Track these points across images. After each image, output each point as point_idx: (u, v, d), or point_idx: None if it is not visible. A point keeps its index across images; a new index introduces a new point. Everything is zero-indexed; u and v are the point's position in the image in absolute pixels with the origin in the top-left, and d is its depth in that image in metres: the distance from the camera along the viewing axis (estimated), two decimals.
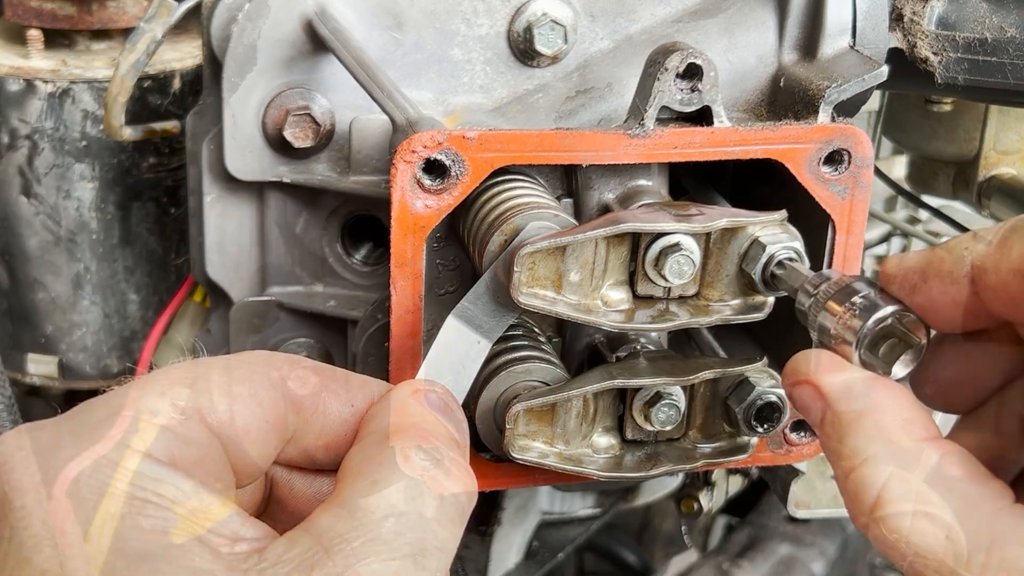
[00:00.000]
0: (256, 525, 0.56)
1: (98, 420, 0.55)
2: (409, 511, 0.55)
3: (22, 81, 1.13)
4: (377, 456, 0.58)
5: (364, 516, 0.54)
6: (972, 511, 0.56)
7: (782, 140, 0.80)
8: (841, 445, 0.60)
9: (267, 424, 0.60)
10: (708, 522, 1.69)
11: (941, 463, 0.57)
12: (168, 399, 0.57)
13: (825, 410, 0.61)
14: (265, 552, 0.53)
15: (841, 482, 0.60)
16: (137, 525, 0.52)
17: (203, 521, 0.54)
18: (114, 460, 0.53)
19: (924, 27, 0.95)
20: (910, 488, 0.57)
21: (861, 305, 0.66)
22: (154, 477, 0.54)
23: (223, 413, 0.59)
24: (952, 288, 0.64)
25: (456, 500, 0.58)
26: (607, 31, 0.94)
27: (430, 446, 0.59)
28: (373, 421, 0.62)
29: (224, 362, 0.62)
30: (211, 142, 0.94)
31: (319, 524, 0.54)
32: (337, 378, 0.64)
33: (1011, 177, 1.38)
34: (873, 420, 0.59)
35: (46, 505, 0.52)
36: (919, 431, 0.59)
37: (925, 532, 0.56)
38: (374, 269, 0.98)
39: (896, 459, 0.58)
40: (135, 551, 0.51)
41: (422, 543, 0.55)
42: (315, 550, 0.53)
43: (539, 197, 0.79)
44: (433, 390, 0.65)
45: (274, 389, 0.61)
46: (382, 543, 0.54)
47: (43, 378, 1.23)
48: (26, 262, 1.18)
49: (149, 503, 0.53)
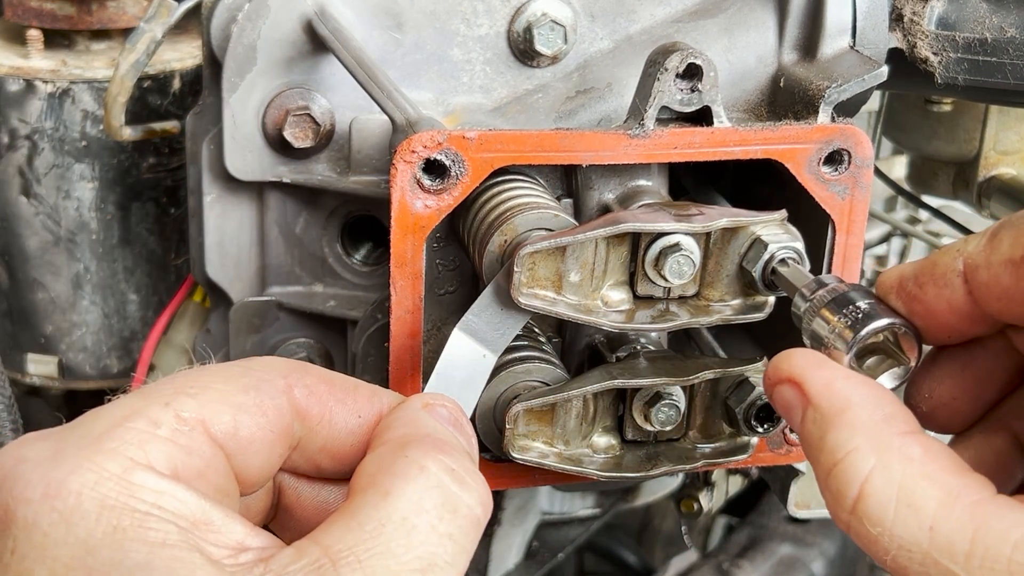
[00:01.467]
0: (262, 535, 0.55)
1: (101, 431, 0.55)
2: (421, 524, 0.54)
3: (22, 81, 1.13)
4: (391, 467, 0.57)
5: (375, 529, 0.54)
6: (955, 502, 0.55)
7: (782, 140, 0.80)
8: (823, 441, 0.59)
9: (272, 434, 0.60)
10: (708, 522, 1.69)
11: (924, 456, 0.57)
12: (172, 410, 0.57)
13: (807, 407, 0.61)
14: (271, 562, 0.53)
15: (822, 480, 0.59)
16: (138, 538, 0.52)
17: (206, 533, 0.53)
18: (116, 473, 0.53)
19: (924, 27, 0.95)
20: (894, 480, 0.56)
21: (855, 316, 0.66)
22: (156, 490, 0.53)
23: (227, 423, 0.58)
24: (946, 291, 0.64)
25: (471, 513, 0.57)
26: (607, 31, 0.94)
27: (446, 457, 0.58)
28: (387, 432, 0.61)
29: (227, 370, 0.61)
30: (211, 142, 0.94)
31: (329, 535, 0.54)
32: (345, 387, 0.64)
33: (1011, 177, 1.38)
34: (855, 414, 0.59)
35: (49, 518, 0.52)
36: (901, 425, 0.58)
37: (909, 524, 0.55)
38: (374, 269, 0.98)
39: (879, 452, 0.57)
40: (135, 564, 0.51)
41: (432, 558, 0.54)
42: (322, 562, 0.52)
43: (539, 197, 0.79)
44: (443, 404, 0.64)
45: (280, 398, 0.61)
46: (392, 557, 0.53)
47: (43, 378, 1.23)
48: (26, 262, 1.18)
49: (151, 516, 0.52)
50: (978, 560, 0.53)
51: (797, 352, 0.64)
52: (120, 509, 0.52)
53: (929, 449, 0.57)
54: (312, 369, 0.64)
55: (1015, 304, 0.61)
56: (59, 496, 0.52)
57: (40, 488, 0.52)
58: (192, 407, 0.57)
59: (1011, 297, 0.61)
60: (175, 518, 0.53)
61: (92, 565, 0.51)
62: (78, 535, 0.51)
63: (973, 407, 0.69)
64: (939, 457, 0.57)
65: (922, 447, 0.57)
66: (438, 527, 0.55)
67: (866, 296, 0.67)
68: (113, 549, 0.51)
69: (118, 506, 0.52)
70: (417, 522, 0.54)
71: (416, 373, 0.80)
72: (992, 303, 0.63)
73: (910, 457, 0.57)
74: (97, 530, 0.51)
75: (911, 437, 0.58)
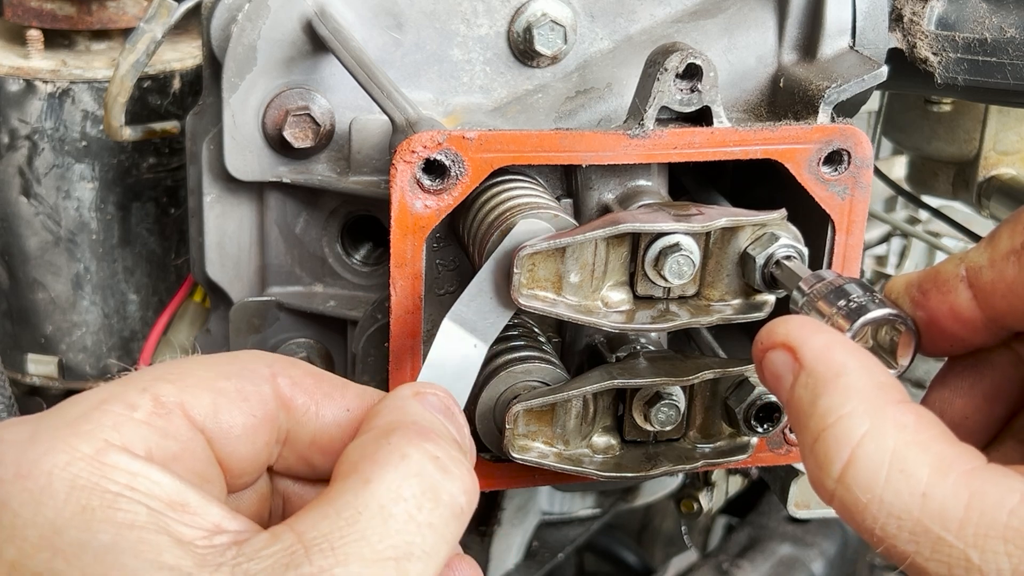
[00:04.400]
0: (241, 519, 0.55)
1: (77, 415, 0.55)
2: (399, 513, 0.54)
3: (22, 81, 1.13)
4: (373, 453, 0.56)
5: (352, 516, 0.53)
6: (949, 470, 0.54)
7: (782, 140, 0.80)
8: (813, 406, 0.58)
9: (254, 419, 0.60)
10: (708, 522, 1.69)
11: (917, 424, 0.56)
12: (149, 394, 0.57)
13: (799, 372, 0.59)
14: (244, 546, 0.52)
15: (808, 446, 0.57)
16: (106, 518, 0.52)
17: (180, 514, 0.53)
18: (88, 454, 0.53)
19: (924, 27, 0.95)
20: (886, 446, 0.55)
21: (850, 307, 0.66)
22: (129, 471, 0.53)
23: (206, 407, 0.58)
24: (950, 296, 0.64)
25: (453, 502, 0.56)
26: (607, 31, 0.94)
27: (431, 444, 0.57)
28: (373, 419, 0.61)
29: (211, 359, 0.61)
30: (211, 142, 0.94)
31: (304, 521, 0.53)
32: (333, 383, 0.64)
33: (1011, 177, 1.38)
34: (850, 379, 0.57)
35: (20, 498, 0.52)
36: (895, 394, 0.57)
37: (900, 491, 0.54)
38: (374, 269, 0.98)
39: (873, 417, 0.56)
40: (101, 544, 0.51)
41: (408, 547, 0.53)
42: (295, 548, 0.52)
43: (539, 197, 0.80)
44: (434, 392, 0.64)
45: (262, 385, 0.61)
46: (366, 545, 0.52)
47: (43, 378, 1.23)
48: (26, 262, 1.18)
49: (121, 496, 0.52)
50: (972, 527, 0.53)
51: (793, 318, 0.63)
52: (90, 489, 0.52)
53: (922, 418, 0.57)
54: (299, 363, 0.64)
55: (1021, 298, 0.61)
56: (30, 476, 0.52)
57: (13, 468, 0.53)
58: (171, 392, 0.58)
59: (1016, 292, 0.61)
60: (147, 499, 0.53)
61: (59, 545, 0.51)
62: (47, 515, 0.52)
63: (986, 425, 0.68)
64: (932, 426, 0.56)
65: (915, 415, 0.56)
66: (416, 516, 0.54)
67: (863, 289, 0.67)
68: (80, 529, 0.51)
69: (88, 486, 0.52)
70: (395, 510, 0.54)
71: (416, 373, 0.80)
72: (998, 302, 0.63)
73: (904, 424, 0.56)
74: (66, 510, 0.52)
75: (904, 406, 0.57)
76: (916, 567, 0.54)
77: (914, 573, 0.55)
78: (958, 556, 0.53)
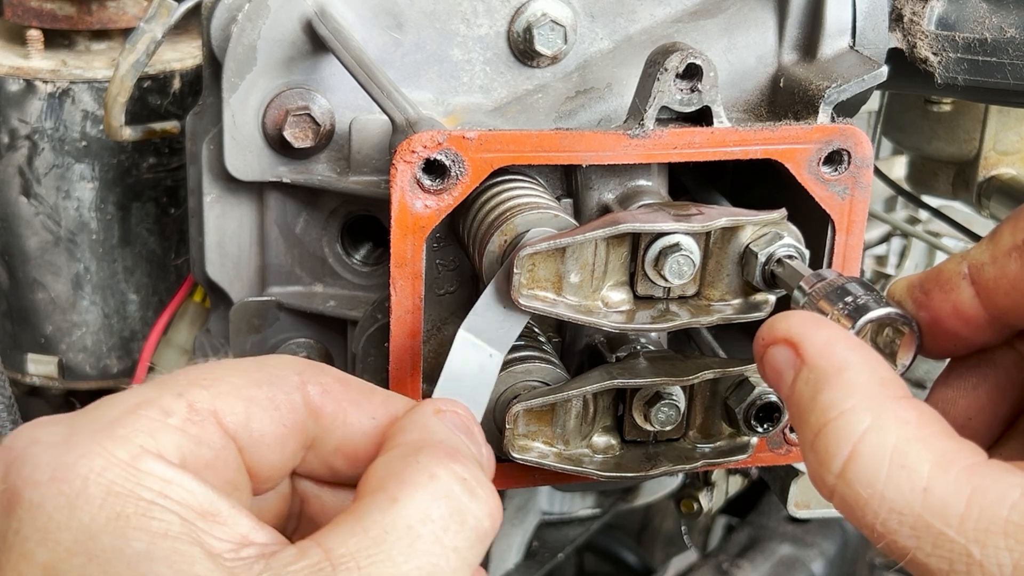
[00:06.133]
0: (267, 530, 0.55)
1: (113, 418, 0.55)
2: (426, 534, 0.54)
3: (22, 81, 1.13)
4: (401, 472, 0.56)
5: (379, 535, 0.53)
6: (950, 465, 0.54)
7: (782, 140, 0.80)
8: (814, 401, 0.57)
9: (284, 428, 0.60)
10: (708, 522, 1.69)
11: (918, 420, 0.56)
12: (184, 400, 0.57)
13: (800, 368, 0.59)
14: (272, 559, 0.53)
15: (808, 442, 0.57)
16: (141, 526, 0.52)
17: (211, 524, 0.53)
18: (124, 459, 0.53)
19: (924, 27, 0.95)
20: (888, 441, 0.55)
21: (852, 307, 0.66)
22: (163, 478, 0.53)
23: (239, 416, 0.58)
24: (952, 295, 0.64)
25: (479, 525, 0.56)
26: (607, 31, 0.94)
27: (458, 466, 0.57)
28: (398, 436, 0.61)
29: (241, 364, 0.61)
30: (211, 142, 0.94)
31: (332, 537, 0.53)
32: (361, 390, 0.64)
33: (1011, 177, 1.38)
34: (852, 375, 0.57)
35: (55, 501, 0.52)
36: (897, 390, 0.57)
37: (902, 486, 0.54)
38: (374, 269, 0.98)
39: (875, 413, 0.56)
40: (135, 552, 0.51)
41: (433, 569, 0.53)
42: (323, 565, 0.52)
43: (539, 197, 0.80)
44: (455, 410, 0.63)
45: (293, 393, 0.61)
46: (392, 565, 0.52)
47: (43, 378, 1.23)
48: (26, 262, 1.18)
49: (155, 505, 0.52)
50: (973, 522, 0.52)
51: (794, 313, 0.62)
52: (125, 496, 0.52)
53: (924, 414, 0.57)
54: (328, 369, 0.64)
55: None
56: (66, 480, 0.52)
57: (48, 471, 0.53)
58: (205, 398, 0.57)
59: (1019, 288, 0.61)
60: (180, 508, 0.53)
61: (93, 550, 0.51)
62: (81, 520, 0.52)
63: (990, 425, 0.68)
64: (933, 422, 0.56)
65: (917, 411, 0.56)
66: (443, 538, 0.54)
67: (865, 289, 0.67)
68: (115, 536, 0.51)
69: (124, 493, 0.52)
70: (422, 531, 0.54)
71: (416, 373, 0.80)
72: (1001, 298, 0.62)
73: (905, 420, 0.55)
74: (100, 516, 0.52)
75: (906, 401, 0.57)
76: (917, 563, 0.54)
77: (915, 569, 0.54)
78: (959, 551, 0.53)
